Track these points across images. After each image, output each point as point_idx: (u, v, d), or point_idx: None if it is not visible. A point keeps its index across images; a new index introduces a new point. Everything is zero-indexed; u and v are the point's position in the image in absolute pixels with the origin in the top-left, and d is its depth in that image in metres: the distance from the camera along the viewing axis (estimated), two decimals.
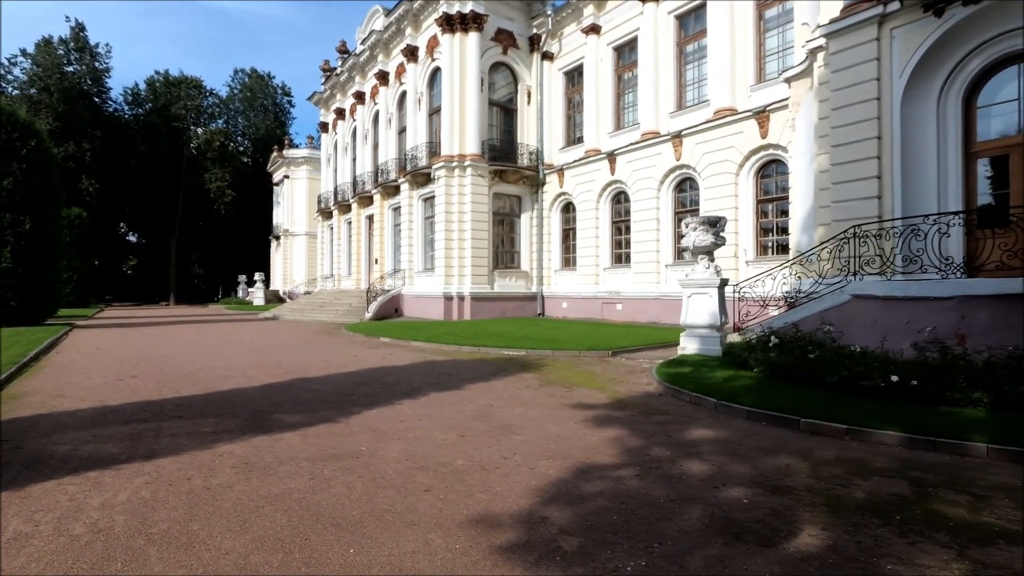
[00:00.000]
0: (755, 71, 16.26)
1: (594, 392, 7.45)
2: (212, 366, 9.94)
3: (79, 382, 8.21)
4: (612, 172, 20.29)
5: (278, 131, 58.24)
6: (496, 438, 5.18)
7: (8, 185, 17.31)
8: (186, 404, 6.63)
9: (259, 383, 8.14)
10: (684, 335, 10.39)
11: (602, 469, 4.28)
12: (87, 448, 4.79)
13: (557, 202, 23.16)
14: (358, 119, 31.03)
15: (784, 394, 6.49)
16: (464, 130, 21.93)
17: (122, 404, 6.60)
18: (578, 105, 22.86)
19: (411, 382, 8.23)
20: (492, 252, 22.52)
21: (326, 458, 4.54)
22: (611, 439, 5.13)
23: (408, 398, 7.04)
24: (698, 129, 17.20)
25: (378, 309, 23.26)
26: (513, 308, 22.76)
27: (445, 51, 22.12)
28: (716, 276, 10.12)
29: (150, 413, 6.12)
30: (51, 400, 6.85)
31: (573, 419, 5.91)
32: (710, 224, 10.19)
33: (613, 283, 20.49)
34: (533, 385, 7.97)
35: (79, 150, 44.46)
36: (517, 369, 9.51)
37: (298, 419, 5.91)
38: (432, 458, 4.56)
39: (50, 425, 5.61)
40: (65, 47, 45.65)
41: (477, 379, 8.49)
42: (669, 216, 18.57)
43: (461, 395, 7.24)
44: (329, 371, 9.31)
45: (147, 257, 60.46)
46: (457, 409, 6.40)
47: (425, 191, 23.77)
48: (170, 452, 4.68)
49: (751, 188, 16.16)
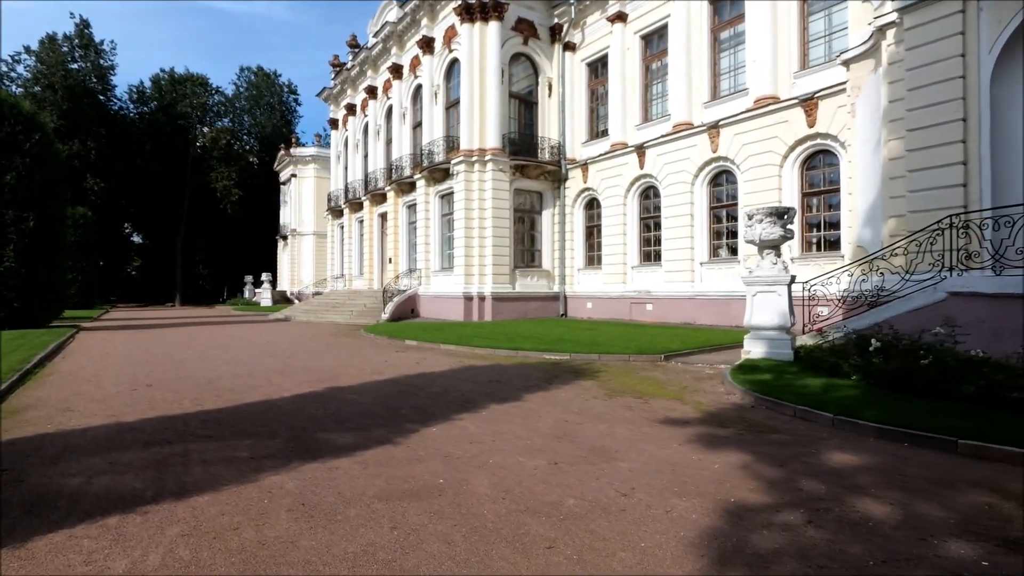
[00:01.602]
0: (799, 57, 15.33)
1: (674, 404, 6.54)
2: (233, 372, 9.05)
3: (89, 392, 7.32)
4: (641, 166, 19.37)
5: (284, 130, 57.44)
6: (596, 465, 4.27)
7: (11, 180, 16.45)
8: (213, 420, 5.73)
9: (290, 393, 7.24)
10: (748, 337, 9.46)
11: (757, 512, 3.37)
12: (103, 481, 3.90)
13: (580, 198, 22.24)
14: (370, 114, 30.16)
15: (905, 406, 5.57)
16: (484, 123, 21.04)
17: (140, 420, 5.71)
18: (602, 97, 21.95)
19: (460, 391, 7.33)
20: (513, 250, 21.60)
21: (402, 496, 3.63)
22: (737, 467, 4.22)
23: (466, 411, 6.14)
24: (737, 119, 16.27)
25: (394, 310, 22.38)
26: (535, 308, 21.85)
27: (464, 41, 21.23)
28: (785, 272, 9.19)
29: (174, 432, 5.23)
30: (58, 415, 5.96)
31: (673, 439, 5.00)
32: (778, 215, 9.25)
33: (642, 282, 19.56)
34: (599, 395, 7.06)
35: (84, 148, 43.71)
36: (570, 376, 8.60)
37: (348, 440, 5.01)
38: (533, 495, 3.65)
39: (58, 448, 4.72)
40: (69, 44, 44.92)
41: (532, 388, 7.58)
42: (704, 211, 17.64)
43: (524, 408, 6.33)
44: (364, 378, 8.41)
45: (151, 257, 59.70)
46: (529, 426, 5.50)
47: (442, 187, 22.88)
48: (206, 486, 3.79)
49: (796, 180, 15.22)
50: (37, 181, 17.23)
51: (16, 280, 16.56)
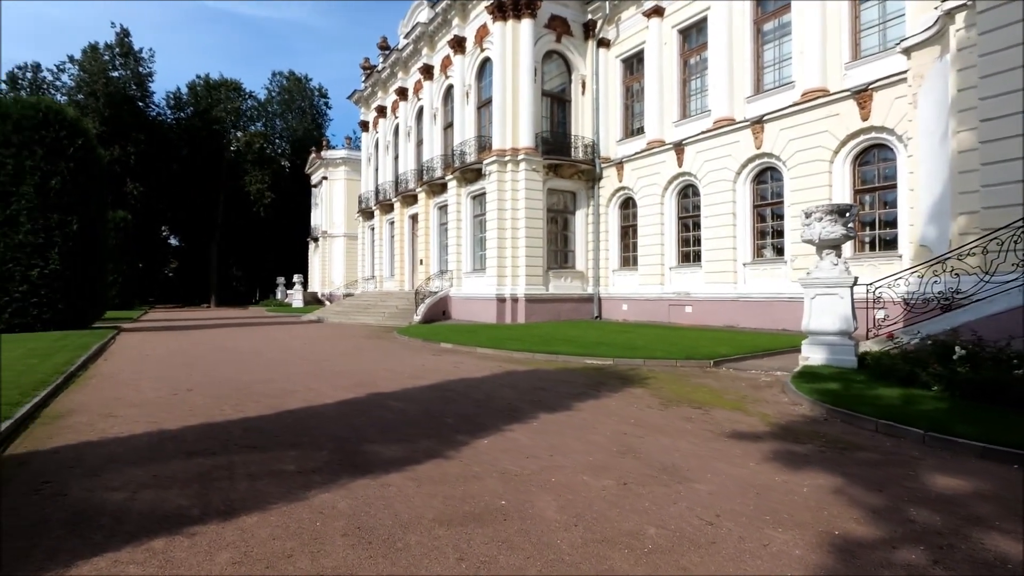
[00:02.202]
0: (850, 47, 14.60)
1: (737, 415, 6.09)
2: (270, 377, 8.91)
3: (130, 397, 7.24)
4: (679, 164, 18.79)
5: (315, 133, 58.19)
6: (669, 487, 3.88)
7: (56, 185, 16.82)
8: (255, 428, 5.52)
9: (330, 399, 7.02)
10: (807, 343, 8.91)
11: (870, 548, 2.95)
12: (147, 496, 3.69)
13: (615, 197, 21.75)
14: (400, 116, 30.18)
15: (1004, 422, 5.03)
16: (517, 123, 20.73)
17: (182, 428, 5.53)
18: (637, 94, 21.44)
19: (505, 399, 7.01)
20: (546, 251, 21.23)
21: (463, 520, 3.31)
22: (829, 491, 3.79)
23: (515, 421, 5.81)
24: (783, 113, 15.60)
25: (426, 312, 22.24)
26: (568, 310, 21.43)
27: (496, 40, 20.97)
28: (847, 274, 8.62)
29: (216, 442, 5.03)
30: (100, 421, 5.85)
31: (747, 456, 4.58)
32: (839, 213, 8.68)
33: (681, 283, 18.97)
34: (653, 404, 6.65)
35: (124, 154, 44.98)
36: (617, 382, 8.20)
37: (396, 452, 4.72)
38: (607, 521, 3.29)
39: (99, 458, 4.56)
40: (110, 52, 46.29)
41: (580, 395, 7.21)
42: (747, 210, 16.98)
43: (576, 418, 5.97)
44: (403, 384, 8.16)
45: (187, 259, 61.20)
46: (585, 439, 5.13)
47: (474, 188, 22.65)
48: (253, 505, 3.54)
49: (848, 177, 14.49)
50: (80, 185, 17.61)
51: (60, 282, 16.92)
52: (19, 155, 16.43)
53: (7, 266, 16.29)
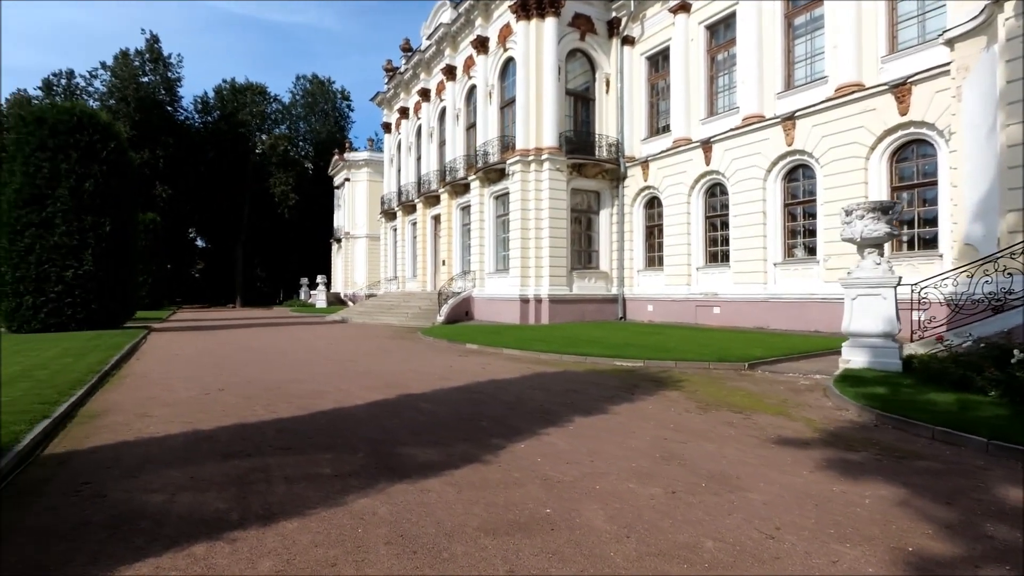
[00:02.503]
0: (887, 40, 14.15)
1: (781, 420, 5.86)
2: (299, 377, 8.91)
3: (163, 396, 7.27)
4: (707, 162, 18.45)
5: (338, 135, 58.77)
6: (721, 496, 3.70)
7: (90, 187, 17.18)
8: (289, 430, 5.47)
9: (360, 400, 6.96)
10: (847, 345, 8.60)
11: (950, 566, 2.74)
12: (185, 499, 3.63)
13: (640, 197, 21.46)
14: (423, 117, 30.25)
15: None
16: (541, 122, 20.58)
17: (216, 428, 5.51)
18: (663, 92, 21.13)
19: (536, 401, 6.87)
20: (570, 251, 21.03)
21: (508, 528, 3.18)
22: (893, 503, 3.57)
23: (550, 425, 5.66)
24: (815, 109, 15.19)
25: (449, 312, 22.22)
26: (592, 311, 21.20)
27: (520, 39, 20.85)
28: (891, 273, 8.29)
29: (251, 443, 4.98)
30: (135, 421, 5.86)
31: (799, 464, 4.36)
32: (882, 210, 8.34)
33: (708, 284, 18.62)
34: (690, 408, 6.45)
35: (153, 157, 45.98)
36: (651, 385, 8.00)
37: (432, 455, 4.62)
38: (660, 533, 3.13)
39: (136, 459, 4.54)
40: (141, 58, 47.37)
41: (613, 399, 7.03)
42: (778, 209, 16.57)
43: (612, 422, 5.80)
44: (432, 385, 8.07)
45: (213, 260, 62.30)
46: (625, 444, 4.97)
47: (497, 188, 22.56)
48: (292, 510, 3.45)
49: (885, 174, 14.03)
50: (113, 188, 17.96)
51: (94, 283, 17.28)
52: (55, 159, 16.83)
53: (43, 267, 16.69)
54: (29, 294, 16.63)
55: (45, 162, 16.74)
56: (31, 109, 17.62)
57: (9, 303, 16.77)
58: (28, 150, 16.80)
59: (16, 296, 16.68)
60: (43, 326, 16.73)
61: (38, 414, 5.57)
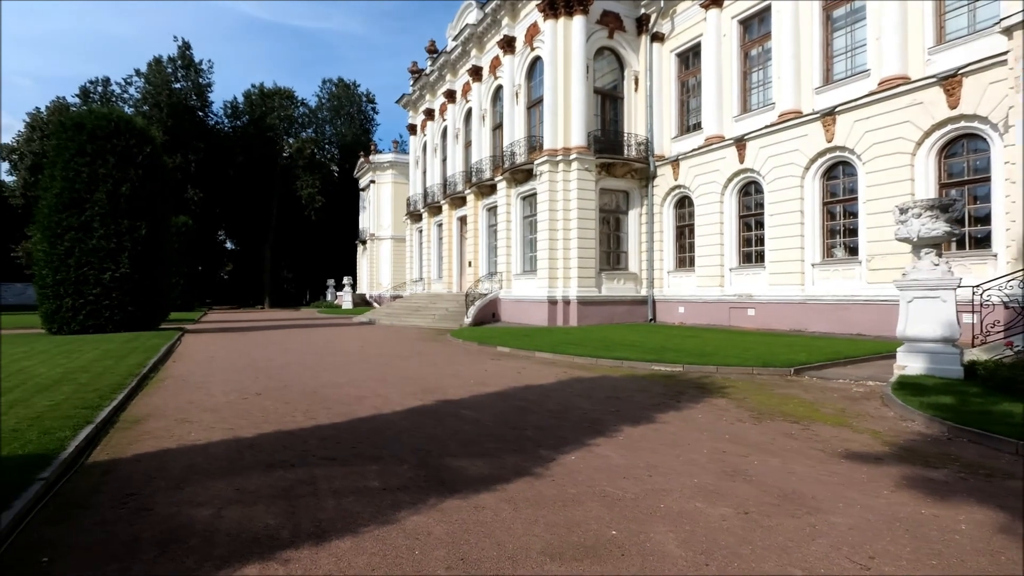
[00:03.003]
0: (934, 30, 13.54)
1: (843, 432, 5.53)
2: (336, 380, 8.83)
3: (202, 401, 7.24)
4: (740, 160, 17.97)
5: (363, 138, 59.31)
6: (799, 518, 3.43)
7: (126, 191, 17.49)
8: (331, 438, 5.35)
9: (399, 406, 6.82)
10: (904, 350, 8.17)
11: None
12: (233, 514, 3.50)
13: (670, 196, 21.04)
14: (448, 118, 30.22)
15: None
16: (569, 122, 20.32)
17: (257, 436, 5.42)
18: (694, 89, 20.69)
19: (581, 409, 6.64)
20: (598, 252, 20.71)
21: (575, 554, 2.97)
22: (993, 528, 3.25)
23: (598, 435, 5.43)
24: (857, 104, 14.63)
25: (476, 314, 22.08)
26: (621, 313, 20.86)
27: (547, 38, 20.63)
28: (950, 275, 7.85)
29: (294, 452, 4.86)
30: (176, 427, 5.80)
31: (876, 482, 4.06)
32: (941, 208, 7.91)
33: (742, 285, 18.13)
34: (743, 417, 6.15)
35: (185, 161, 46.94)
36: (695, 392, 7.71)
37: (482, 468, 4.43)
38: (742, 560, 2.88)
39: (181, 468, 4.44)
40: (173, 65, 48.42)
41: (660, 406, 6.76)
42: (816, 207, 16.03)
43: (664, 432, 5.55)
44: (470, 391, 7.90)
45: (242, 262, 63.38)
46: (683, 457, 4.71)
47: (524, 189, 22.36)
48: (344, 527, 3.29)
49: (932, 170, 13.44)
50: (148, 191, 18.27)
51: (130, 285, 17.59)
52: (93, 163, 17.19)
53: (82, 270, 17.04)
54: (68, 296, 17.01)
55: (84, 167, 17.10)
56: (70, 115, 18.02)
57: (49, 305, 17.17)
58: (67, 155, 17.19)
59: (56, 298, 17.07)
60: (82, 328, 17.08)
61: (81, 419, 5.55)
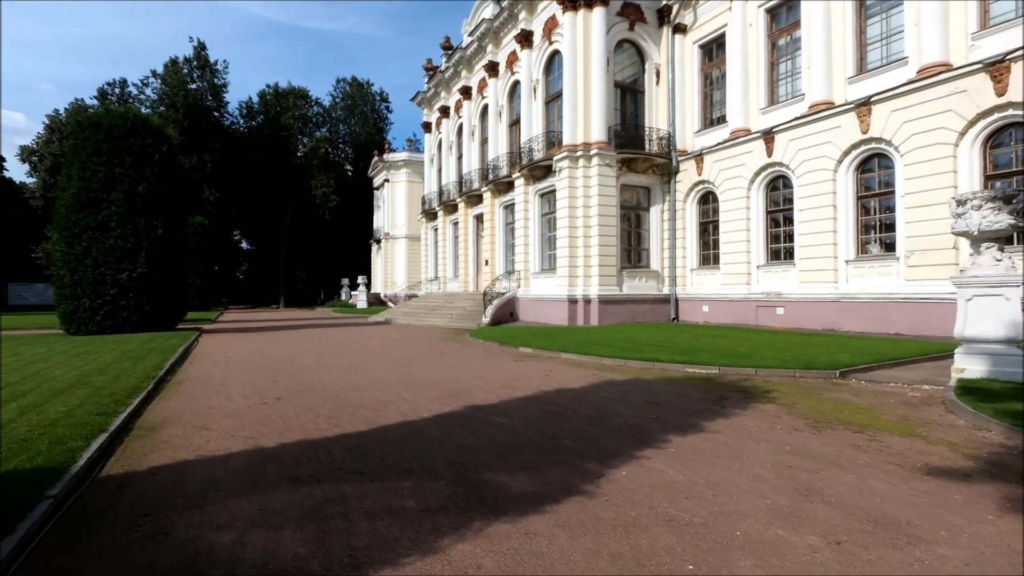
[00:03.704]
0: (977, 15, 12.91)
1: (916, 443, 5.05)
2: (357, 383, 8.49)
3: (220, 405, 6.93)
4: (769, 153, 17.37)
5: (377, 137, 59.19)
6: (901, 550, 2.98)
7: (143, 190, 17.36)
8: (358, 448, 4.98)
9: (427, 412, 6.45)
10: (962, 352, 7.64)
11: None
12: (258, 539, 3.14)
13: (693, 192, 20.49)
14: (464, 115, 29.87)
15: None
16: (589, 116, 19.86)
17: (279, 446, 5.07)
18: (717, 81, 20.10)
19: (620, 416, 6.22)
20: (619, 250, 20.22)
21: None
22: None
23: (645, 446, 5.01)
24: (895, 93, 14.00)
25: (494, 313, 21.71)
26: (643, 312, 20.36)
27: (566, 31, 20.17)
28: (1014, 271, 7.30)
29: (320, 465, 4.50)
30: (194, 435, 5.48)
31: (975, 504, 3.59)
32: (1004, 200, 7.36)
33: (770, 283, 17.55)
34: (799, 426, 5.69)
35: (200, 162, 47.13)
36: (738, 396, 7.24)
37: (524, 484, 4.04)
38: None
39: (200, 483, 4.10)
40: (189, 65, 48.64)
41: (703, 413, 6.32)
42: (850, 202, 15.42)
43: (717, 443, 5.11)
44: (499, 395, 7.51)
45: (256, 262, 63.67)
46: (745, 472, 4.27)
47: (542, 186, 21.93)
48: (381, 556, 2.91)
49: (977, 161, 12.79)
50: (164, 191, 18.13)
51: (147, 285, 17.45)
52: (110, 163, 17.07)
53: (99, 270, 16.93)
54: (86, 297, 16.91)
55: (101, 166, 16.99)
56: (87, 115, 17.92)
57: (67, 305, 17.09)
58: (84, 155, 17.08)
59: (74, 299, 16.98)
60: (99, 328, 16.98)
61: (95, 427, 5.25)
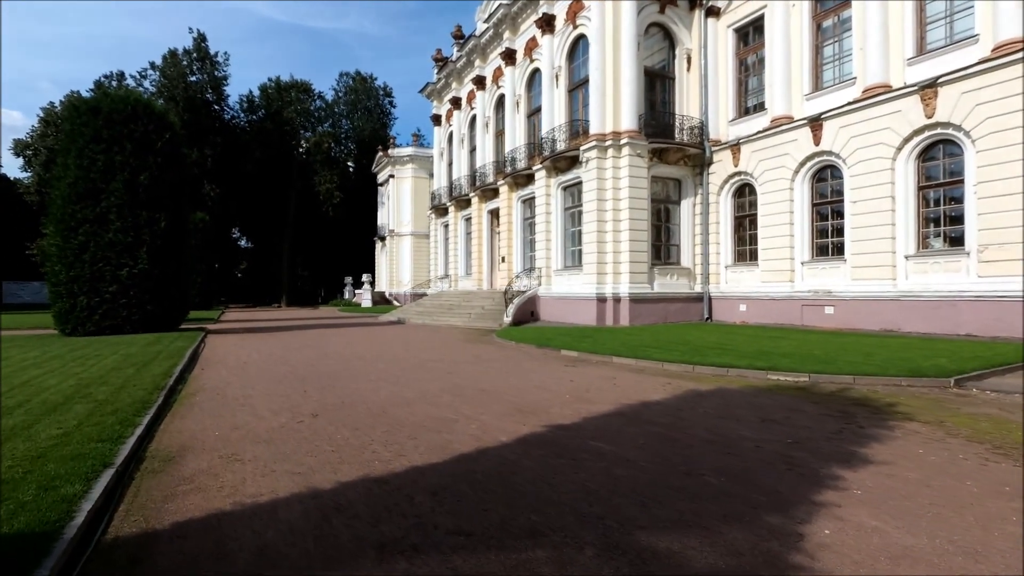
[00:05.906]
0: None
1: None
2: (403, 395, 7.30)
3: (248, 425, 5.74)
4: (816, 142, 16.23)
5: (381, 132, 57.95)
6: None
7: (145, 180, 16.12)
8: (445, 490, 3.80)
9: (505, 435, 5.27)
10: None
11: None
12: None
13: (728, 184, 19.34)
14: (477, 107, 28.66)
15: None
16: (619, 104, 18.71)
17: (339, 486, 3.88)
18: (754, 67, 18.97)
19: (748, 440, 5.04)
20: (650, 245, 19.08)
21: None
22: None
23: (818, 486, 3.84)
24: (964, 75, 12.87)
25: (516, 312, 20.55)
26: (675, 311, 19.23)
27: (594, 14, 19.01)
28: None
29: (404, 519, 3.32)
30: (224, 469, 4.28)
31: None
32: None
33: (816, 281, 16.41)
34: (984, 455, 4.52)
35: (201, 156, 45.82)
36: (863, 411, 6.07)
37: (705, 554, 2.86)
38: None
39: (246, 550, 2.91)
40: (188, 57, 47.31)
41: (844, 436, 5.15)
42: (910, 193, 14.28)
43: (902, 480, 3.94)
44: (577, 410, 6.33)
45: (257, 259, 62.34)
46: (990, 529, 3.11)
47: (566, 178, 20.77)
48: None
49: None
50: (167, 182, 16.90)
51: (149, 282, 16.23)
52: (109, 150, 15.84)
53: (97, 266, 15.70)
54: (83, 294, 15.67)
55: (100, 154, 15.74)
56: (85, 99, 16.66)
57: (63, 304, 15.84)
58: (82, 142, 15.83)
59: (70, 296, 15.73)
60: (98, 328, 15.75)
61: (97, 459, 4.08)
